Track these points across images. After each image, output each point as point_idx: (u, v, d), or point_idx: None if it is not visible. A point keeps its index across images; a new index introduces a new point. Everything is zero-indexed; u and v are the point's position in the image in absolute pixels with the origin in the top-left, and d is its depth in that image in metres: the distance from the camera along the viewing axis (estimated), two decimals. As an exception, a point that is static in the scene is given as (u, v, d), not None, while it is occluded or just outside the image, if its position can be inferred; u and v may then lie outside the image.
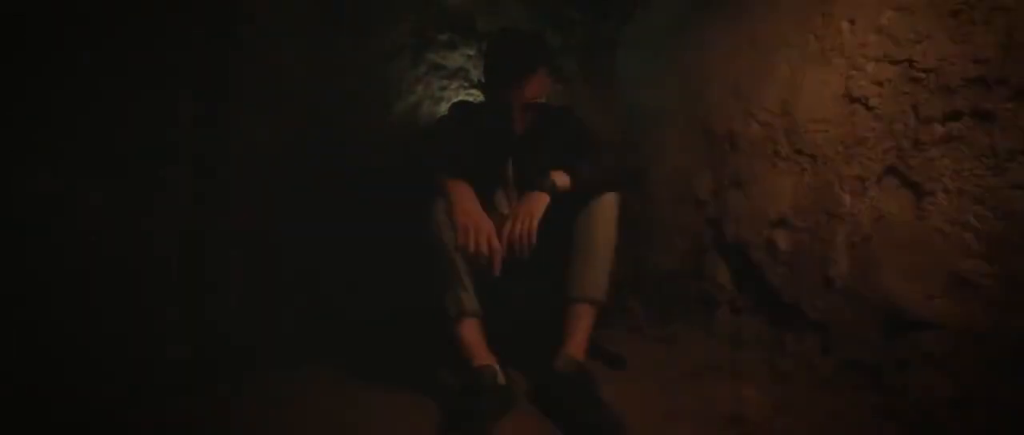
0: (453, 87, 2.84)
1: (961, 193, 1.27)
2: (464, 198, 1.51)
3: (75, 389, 1.24)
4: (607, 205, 1.62)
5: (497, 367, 1.50)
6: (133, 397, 1.33)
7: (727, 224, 2.06)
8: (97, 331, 1.30)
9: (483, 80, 1.73)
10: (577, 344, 1.55)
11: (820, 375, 1.57)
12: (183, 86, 1.48)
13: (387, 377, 1.68)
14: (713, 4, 2.22)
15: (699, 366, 1.75)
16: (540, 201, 1.52)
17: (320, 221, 2.60)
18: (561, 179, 1.56)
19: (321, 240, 2.59)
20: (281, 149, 2.09)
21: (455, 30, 2.85)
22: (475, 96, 2.72)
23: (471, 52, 2.85)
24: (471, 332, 1.54)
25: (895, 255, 1.43)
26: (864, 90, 1.52)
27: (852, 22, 1.57)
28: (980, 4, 1.24)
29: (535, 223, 1.49)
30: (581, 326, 1.57)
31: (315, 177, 2.60)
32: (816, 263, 1.66)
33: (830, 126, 1.63)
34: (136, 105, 1.30)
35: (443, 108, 2.74)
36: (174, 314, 1.55)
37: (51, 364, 1.21)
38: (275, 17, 1.97)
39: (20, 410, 1.14)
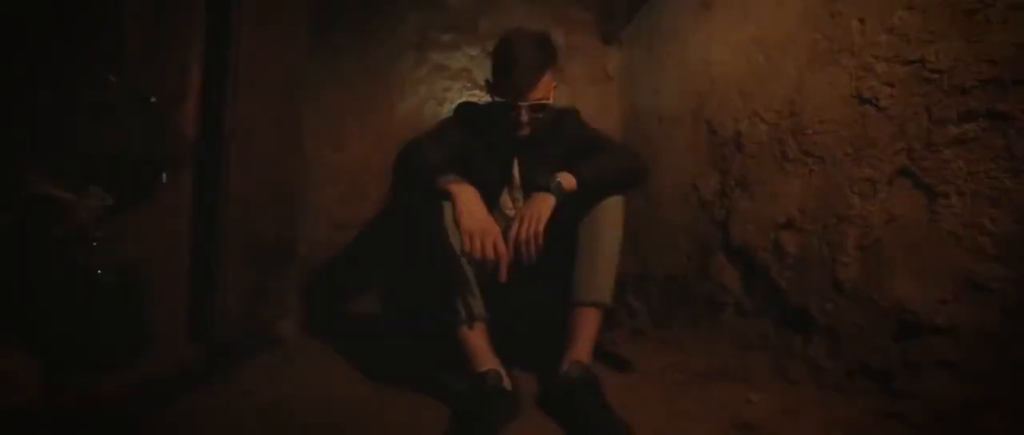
0: (457, 88, 2.82)
1: (975, 195, 1.25)
2: (469, 201, 1.49)
3: (75, 389, 1.22)
4: (612, 207, 1.61)
5: (502, 371, 1.48)
6: (133, 397, 1.32)
7: (733, 226, 2.04)
8: (97, 332, 1.29)
9: (489, 81, 1.71)
10: (582, 348, 1.54)
11: (829, 380, 1.55)
12: (183, 88, 1.46)
13: (391, 380, 1.67)
14: (718, 2, 2.20)
15: (705, 369, 1.73)
16: (546, 203, 1.50)
17: (322, 222, 2.59)
18: (567, 181, 1.55)
19: (322, 241, 2.58)
20: (283, 150, 2.08)
21: (458, 31, 2.84)
22: (479, 97, 2.70)
23: (475, 53, 2.84)
24: (476, 336, 1.53)
25: (906, 258, 1.41)
26: (874, 91, 1.50)
27: (862, 21, 1.55)
28: (996, 3, 1.21)
29: (541, 225, 1.47)
30: (586, 330, 1.55)
31: (317, 178, 2.59)
32: (824, 266, 1.64)
33: (839, 127, 1.61)
34: (134, 105, 1.29)
35: (447, 109, 2.72)
36: (176, 315, 1.54)
37: (51, 365, 1.19)
38: (277, 18, 1.96)
39: (20, 410, 1.13)
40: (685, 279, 2.28)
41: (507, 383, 1.46)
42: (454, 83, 2.83)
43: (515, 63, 1.58)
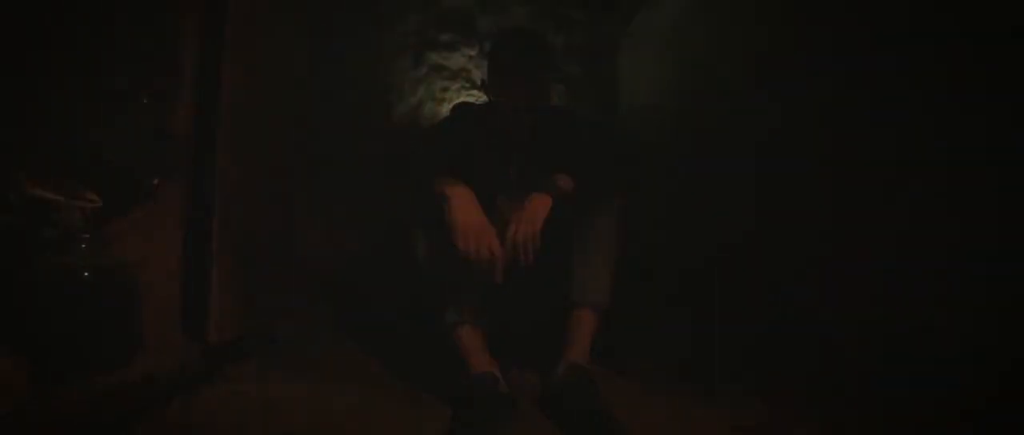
0: (455, 88, 2.81)
1: (974, 197, 1.24)
2: (465, 202, 1.48)
3: (68, 391, 1.21)
4: (610, 208, 1.60)
5: (498, 374, 1.47)
6: (127, 399, 1.31)
7: (733, 226, 2.04)
8: (90, 334, 1.28)
9: (486, 81, 1.70)
10: (579, 350, 1.52)
11: (827, 382, 1.55)
12: (177, 88, 1.45)
13: (390, 381, 1.66)
14: (715, 4, 2.19)
15: (705, 371, 1.73)
16: (543, 204, 1.49)
17: (321, 223, 2.58)
18: (564, 181, 1.54)
19: (320, 241, 2.57)
20: (279, 150, 2.07)
21: (456, 31, 2.83)
22: (477, 97, 2.70)
23: (473, 53, 2.83)
24: (472, 338, 1.52)
25: (904, 259, 1.40)
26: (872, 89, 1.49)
27: (861, 22, 1.55)
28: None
29: (538, 226, 1.46)
30: (583, 331, 1.54)
31: (317, 178, 2.58)
32: (824, 266, 1.64)
33: (839, 126, 1.61)
34: (127, 106, 1.28)
35: (445, 109, 2.72)
36: (170, 316, 1.53)
37: (44, 367, 1.19)
38: (273, 17, 1.95)
39: (12, 413, 1.12)
40: (684, 279, 2.28)
41: (503, 386, 1.45)
42: (452, 83, 2.83)
43: (512, 64, 1.57)
